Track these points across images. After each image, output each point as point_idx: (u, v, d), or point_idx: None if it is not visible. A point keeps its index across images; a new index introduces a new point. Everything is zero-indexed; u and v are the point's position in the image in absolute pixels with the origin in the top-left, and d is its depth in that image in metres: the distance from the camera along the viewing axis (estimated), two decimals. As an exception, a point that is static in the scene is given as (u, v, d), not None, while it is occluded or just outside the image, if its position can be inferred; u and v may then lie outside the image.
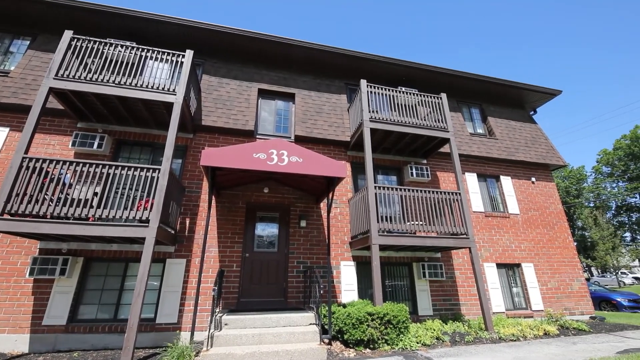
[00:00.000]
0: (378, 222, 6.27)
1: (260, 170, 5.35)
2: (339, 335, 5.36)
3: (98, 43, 5.96)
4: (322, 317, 5.42)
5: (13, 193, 4.67)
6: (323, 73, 9.37)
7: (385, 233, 6.41)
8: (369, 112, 7.26)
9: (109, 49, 6.00)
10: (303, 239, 7.29)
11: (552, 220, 9.67)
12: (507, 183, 9.67)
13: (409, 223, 6.57)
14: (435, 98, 8.05)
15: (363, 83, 7.49)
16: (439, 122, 7.83)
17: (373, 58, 9.09)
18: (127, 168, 5.21)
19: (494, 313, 7.66)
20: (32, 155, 4.93)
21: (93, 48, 5.92)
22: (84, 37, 5.92)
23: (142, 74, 6.20)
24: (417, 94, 7.95)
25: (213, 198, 6.83)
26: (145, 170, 5.27)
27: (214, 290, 4.87)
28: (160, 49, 6.28)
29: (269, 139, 6.53)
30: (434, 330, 5.97)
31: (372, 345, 5.12)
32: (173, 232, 6.21)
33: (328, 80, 9.32)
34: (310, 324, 5.38)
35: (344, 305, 6.09)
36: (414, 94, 7.93)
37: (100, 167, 5.09)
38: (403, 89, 7.90)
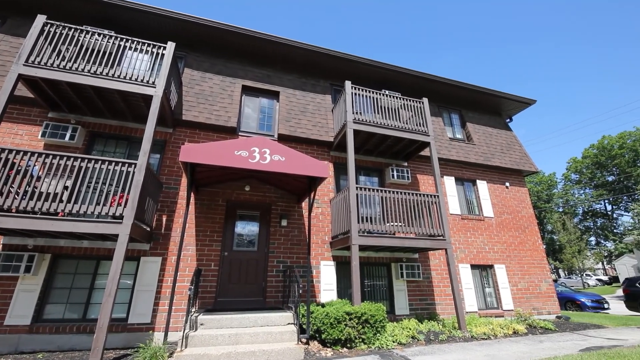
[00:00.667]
0: (359, 222, 6.34)
1: (242, 168, 5.27)
2: (317, 335, 5.37)
3: (73, 30, 5.70)
4: (300, 316, 5.41)
5: (-26, 185, 4.38)
6: (308, 72, 9.36)
7: (366, 234, 6.48)
8: (353, 113, 7.32)
9: (85, 37, 5.75)
10: (284, 239, 7.26)
11: (523, 224, 10.09)
12: (482, 187, 10.01)
13: (389, 224, 6.68)
14: (418, 102, 8.22)
15: (347, 84, 7.54)
16: (421, 126, 8.00)
17: (358, 60, 9.16)
18: (101, 162, 5.00)
19: (468, 312, 7.91)
20: (-4, 145, 4.65)
21: (68, 35, 5.65)
22: (58, 22, 5.64)
23: (120, 65, 5.97)
24: (400, 98, 8.08)
25: (192, 195, 6.69)
26: (121, 165, 5.08)
27: (190, 290, 4.76)
28: (140, 40, 6.08)
29: (252, 137, 6.45)
30: (410, 330, 6.09)
31: (349, 345, 5.16)
32: (149, 229, 6.02)
33: (313, 80, 9.32)
34: (289, 324, 5.36)
35: (323, 305, 6.11)
36: (397, 98, 8.06)
37: (72, 159, 4.87)
38: (387, 92, 8.02)
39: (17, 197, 4.52)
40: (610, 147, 42.10)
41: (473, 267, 8.86)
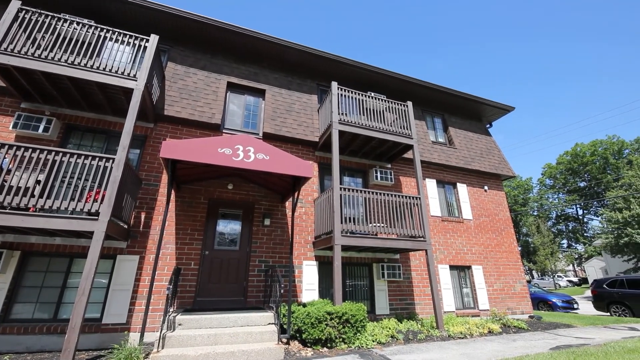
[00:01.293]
0: (342, 223, 6.37)
1: (225, 166, 5.20)
2: (298, 335, 5.37)
3: (50, 17, 5.46)
4: (281, 316, 5.40)
5: (-64, 177, 4.13)
6: (295, 72, 9.33)
7: (349, 234, 6.53)
8: (339, 114, 7.36)
9: (63, 25, 5.51)
10: (266, 238, 7.21)
11: (500, 226, 10.44)
12: (462, 190, 10.28)
13: (372, 225, 6.75)
14: (402, 105, 8.35)
15: (334, 85, 7.57)
16: (405, 128, 8.13)
17: (345, 61, 9.21)
18: (76, 155, 4.81)
19: (446, 312, 8.11)
20: (-38, 136, 4.40)
21: (44, 22, 5.41)
22: (34, 9, 5.39)
23: (99, 56, 5.76)
24: (385, 100, 8.19)
25: (172, 192, 6.54)
26: (98, 159, 4.91)
27: (169, 289, 4.65)
28: (122, 31, 5.89)
29: (236, 134, 6.38)
30: (389, 329, 6.18)
31: (329, 344, 5.19)
32: (126, 226, 5.85)
33: (300, 80, 9.30)
34: (269, 324, 5.33)
35: (304, 305, 6.11)
36: (383, 100, 8.16)
37: (46, 152, 4.66)
38: (372, 94, 8.11)
39: (-16, 190, 4.28)
40: (583, 154, 44.23)
41: (452, 267, 9.09)
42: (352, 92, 7.80)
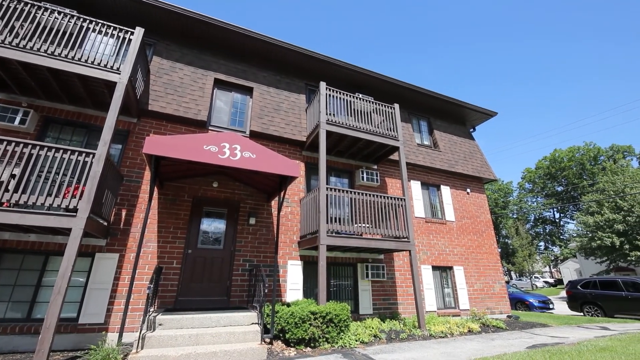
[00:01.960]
0: (328, 223, 6.39)
1: (210, 164, 5.13)
2: (281, 335, 5.35)
3: (30, 5, 5.24)
4: (265, 316, 5.36)
5: None
6: (284, 70, 9.29)
7: (334, 234, 6.56)
8: (327, 114, 7.38)
9: (44, 14, 5.30)
10: (251, 237, 7.15)
11: (481, 228, 10.71)
12: (446, 192, 10.49)
13: (357, 225, 6.81)
14: (389, 108, 8.45)
15: (322, 85, 7.58)
16: (391, 130, 8.23)
17: (334, 62, 9.24)
18: (55, 149, 4.63)
19: (428, 312, 8.26)
20: None
21: (23, 10, 5.19)
22: (11, -4, 5.16)
23: (82, 47, 5.59)
24: (372, 102, 8.27)
25: (155, 189, 6.41)
26: (77, 154, 4.74)
27: (150, 288, 4.55)
28: (105, 22, 5.71)
29: (222, 132, 6.30)
30: (373, 329, 6.25)
31: (313, 344, 5.20)
32: (106, 224, 5.68)
33: (288, 79, 9.27)
34: (252, 324, 5.29)
35: (289, 305, 6.10)
36: (370, 102, 8.24)
37: (22, 145, 4.47)
38: (360, 96, 8.16)
39: (-47, 184, 4.08)
40: (561, 159, 45.90)
41: (434, 268, 9.26)
42: (340, 92, 7.84)
